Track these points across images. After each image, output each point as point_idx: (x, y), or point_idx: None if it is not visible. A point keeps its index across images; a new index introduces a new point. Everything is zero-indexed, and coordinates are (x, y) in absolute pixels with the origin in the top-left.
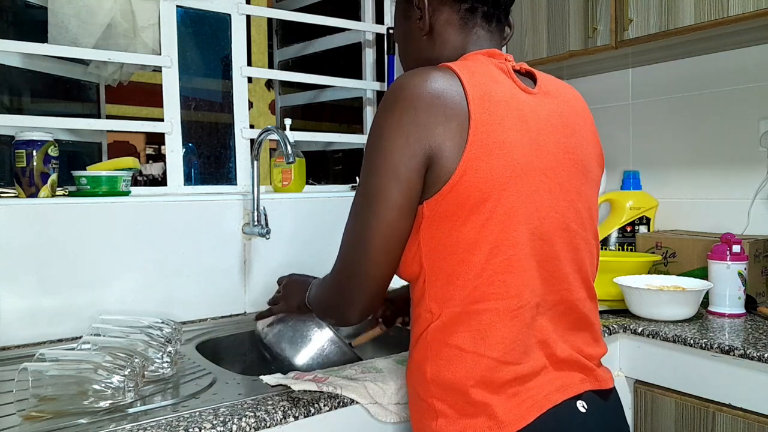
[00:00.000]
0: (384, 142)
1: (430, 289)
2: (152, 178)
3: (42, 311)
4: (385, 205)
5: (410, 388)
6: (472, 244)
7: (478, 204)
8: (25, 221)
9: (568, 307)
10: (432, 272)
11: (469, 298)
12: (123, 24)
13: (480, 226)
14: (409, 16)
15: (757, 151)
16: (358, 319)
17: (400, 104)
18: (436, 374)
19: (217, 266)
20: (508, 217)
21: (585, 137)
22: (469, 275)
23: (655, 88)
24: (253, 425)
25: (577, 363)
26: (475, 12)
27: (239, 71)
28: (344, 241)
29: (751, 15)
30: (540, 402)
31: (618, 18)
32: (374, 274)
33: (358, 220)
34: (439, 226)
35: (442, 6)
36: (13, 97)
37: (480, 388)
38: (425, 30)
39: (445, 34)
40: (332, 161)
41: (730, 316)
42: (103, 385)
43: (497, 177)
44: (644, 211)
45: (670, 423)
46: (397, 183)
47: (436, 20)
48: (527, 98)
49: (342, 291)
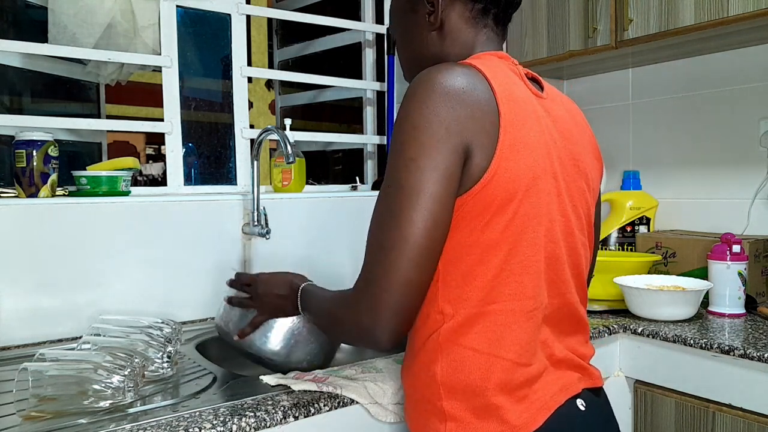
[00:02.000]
0: (422, 135)
1: (444, 290)
2: (152, 178)
3: (42, 311)
4: (430, 199)
5: (411, 390)
6: (492, 245)
7: (503, 205)
8: (25, 221)
9: (568, 310)
10: (447, 272)
11: (487, 298)
12: (123, 24)
13: (503, 227)
14: (417, 9)
15: (757, 151)
16: (391, 341)
17: (435, 96)
18: (447, 376)
19: (217, 266)
20: (529, 218)
21: (585, 147)
22: (487, 276)
23: (655, 88)
24: (253, 425)
25: (572, 362)
26: (487, 13)
27: (239, 71)
28: (374, 247)
29: (751, 15)
30: (548, 403)
31: (618, 18)
32: (417, 280)
33: (394, 218)
34: (460, 226)
35: (456, 2)
36: (13, 97)
37: (494, 391)
38: (435, 25)
39: (456, 31)
40: (332, 161)
41: (730, 316)
42: (103, 385)
43: (522, 178)
44: (644, 211)
45: (670, 423)
46: (440, 176)
47: (448, 16)
48: (539, 102)
49: (372, 307)
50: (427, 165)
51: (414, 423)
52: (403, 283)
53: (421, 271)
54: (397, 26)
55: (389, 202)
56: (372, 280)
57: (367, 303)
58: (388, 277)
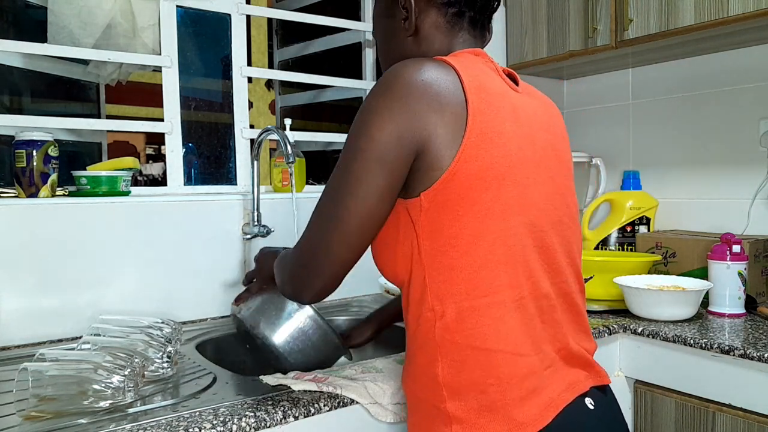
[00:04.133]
0: (372, 127)
1: (432, 285)
2: (152, 178)
3: (42, 311)
4: (367, 189)
5: (411, 393)
6: (475, 236)
7: (480, 193)
8: (25, 221)
9: (568, 301)
10: (432, 267)
11: (475, 291)
12: (123, 24)
13: (483, 215)
14: (393, 14)
15: (757, 151)
16: (311, 299)
17: (392, 91)
18: (449, 377)
19: (217, 266)
20: (508, 206)
21: (564, 137)
22: (473, 267)
23: (655, 88)
24: (253, 425)
25: (582, 358)
26: (462, 16)
27: (239, 71)
28: (315, 220)
29: (751, 15)
30: (555, 401)
31: (618, 18)
32: (343, 257)
33: (335, 201)
34: (439, 218)
35: (430, 8)
36: (13, 97)
37: (497, 387)
38: (411, 31)
39: (431, 36)
40: (332, 161)
41: (730, 316)
42: (103, 385)
43: (497, 166)
44: (644, 211)
45: (670, 423)
46: (382, 168)
47: (423, 21)
48: (515, 95)
49: (303, 268)
50: (372, 157)
51: (416, 427)
52: (331, 255)
53: (350, 250)
54: (378, 31)
55: (333, 186)
56: (307, 251)
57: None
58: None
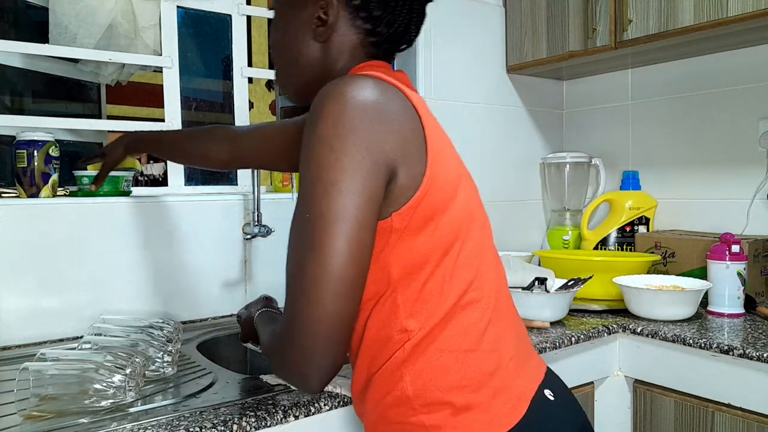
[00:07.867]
0: (341, 157)
1: (405, 305)
2: (153, 178)
3: (43, 311)
4: (356, 225)
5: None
6: (446, 248)
7: (446, 204)
8: (26, 221)
9: (507, 296)
10: (404, 286)
11: (447, 301)
12: (124, 24)
13: (452, 227)
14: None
15: (756, 151)
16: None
17: (350, 113)
18: (421, 388)
19: (218, 266)
20: (466, 212)
21: None
22: (445, 278)
23: (655, 88)
24: (253, 425)
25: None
26: (378, 47)
27: (240, 72)
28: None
29: (751, 15)
30: (525, 393)
31: (617, 18)
32: (344, 313)
33: (315, 250)
34: (412, 236)
35: (351, 29)
36: (14, 98)
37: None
38: (321, 39)
39: (341, 54)
40: None
41: (730, 316)
42: (104, 385)
43: (453, 177)
44: (643, 211)
45: (669, 423)
46: (364, 200)
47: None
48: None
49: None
50: (348, 189)
51: None
52: (330, 325)
53: (349, 303)
54: (280, 19)
55: (309, 233)
56: (298, 327)
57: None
58: (314, 323)
